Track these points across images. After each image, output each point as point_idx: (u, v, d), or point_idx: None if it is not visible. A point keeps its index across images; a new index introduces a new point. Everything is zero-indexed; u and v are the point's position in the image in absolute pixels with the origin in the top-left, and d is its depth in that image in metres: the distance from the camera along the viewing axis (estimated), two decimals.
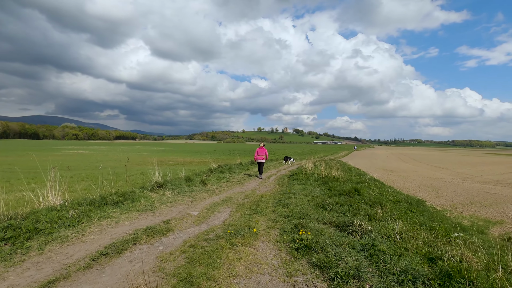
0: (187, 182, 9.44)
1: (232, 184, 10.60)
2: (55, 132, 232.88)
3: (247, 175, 13.59)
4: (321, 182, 9.92)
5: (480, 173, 21.59)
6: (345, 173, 12.48)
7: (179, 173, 15.05)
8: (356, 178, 12.07)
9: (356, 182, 11.10)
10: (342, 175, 11.22)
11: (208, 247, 4.14)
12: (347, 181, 10.22)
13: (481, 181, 16.26)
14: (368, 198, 7.67)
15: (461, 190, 12.47)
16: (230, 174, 12.81)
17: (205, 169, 14.22)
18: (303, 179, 10.78)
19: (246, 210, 6.41)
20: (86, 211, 5.23)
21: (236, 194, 8.55)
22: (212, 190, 8.94)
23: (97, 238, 4.33)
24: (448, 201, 10.19)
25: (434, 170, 24.67)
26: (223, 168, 15.61)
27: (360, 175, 14.10)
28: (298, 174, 12.25)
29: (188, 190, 8.36)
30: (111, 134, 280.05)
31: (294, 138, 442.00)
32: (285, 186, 10.29)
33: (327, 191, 8.51)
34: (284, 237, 4.62)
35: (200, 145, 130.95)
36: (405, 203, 8.33)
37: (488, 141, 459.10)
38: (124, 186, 8.52)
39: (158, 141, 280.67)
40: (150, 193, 7.45)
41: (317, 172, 11.90)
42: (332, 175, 10.84)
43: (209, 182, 10.08)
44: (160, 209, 6.37)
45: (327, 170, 11.84)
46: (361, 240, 4.27)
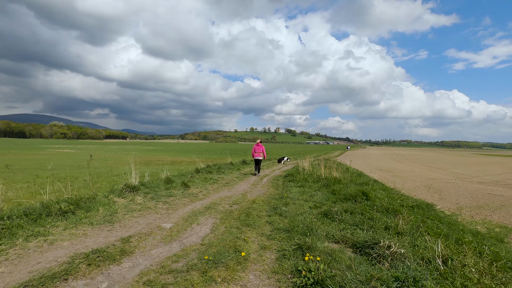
0: (167, 185, 8.04)
1: (219, 186, 9.24)
2: (42, 131, 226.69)
3: (238, 175, 12.25)
4: (321, 184, 8.64)
5: (476, 173, 21.32)
6: (346, 174, 11.29)
7: (162, 173, 13.70)
8: (358, 179, 10.90)
9: (360, 184, 9.90)
10: (343, 176, 10.00)
11: (173, 285, 2.78)
12: (350, 183, 9.00)
13: (480, 181, 15.75)
14: (379, 204, 6.45)
15: (464, 191, 11.90)
16: (218, 175, 11.44)
17: (192, 169, 12.83)
18: (300, 181, 9.51)
19: (233, 222, 5.05)
20: (12, 227, 3.79)
21: (223, 198, 7.20)
22: (195, 194, 7.55)
23: (8, 272, 2.90)
24: (454, 204, 9.44)
25: (430, 170, 24.26)
26: (211, 168, 14.21)
27: (360, 176, 12.94)
28: (295, 174, 10.96)
29: (165, 195, 6.95)
30: (101, 133, 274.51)
31: (286, 138, 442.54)
32: (280, 188, 8.99)
33: (330, 195, 7.24)
34: (284, 265, 3.29)
35: (191, 145, 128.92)
36: (418, 208, 7.17)
37: (475, 142, 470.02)
38: (88, 189, 7.09)
39: (149, 141, 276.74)
40: (117, 199, 6.04)
41: (315, 173, 10.66)
42: (333, 176, 9.60)
43: (193, 184, 8.70)
44: (123, 220, 4.96)
45: (326, 170, 10.60)
46: (393, 270, 3.00)
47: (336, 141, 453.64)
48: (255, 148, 13.17)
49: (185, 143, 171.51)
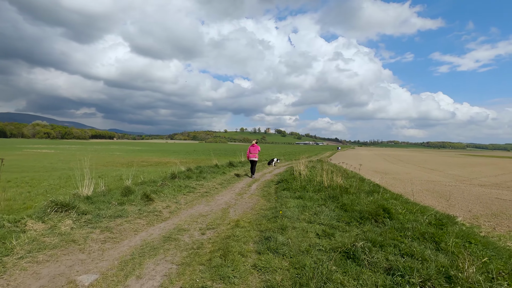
0: (123, 197, 6.00)
1: (196, 197, 7.23)
2: (24, 130, 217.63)
3: (222, 182, 10.25)
4: (326, 195, 6.76)
5: (473, 175, 21.06)
6: (349, 180, 9.56)
7: (140, 177, 11.66)
8: (362, 185, 9.19)
9: (368, 192, 8.12)
10: (349, 183, 8.22)
11: None
12: (360, 193, 7.22)
13: (481, 184, 15.31)
14: (410, 226, 4.67)
15: (469, 195, 11.37)
16: (197, 181, 9.41)
17: (167, 174, 10.77)
18: (298, 190, 7.61)
19: (199, 271, 3.07)
20: None
21: (196, 218, 5.20)
22: (158, 211, 5.50)
23: None
24: (465, 211, 8.56)
25: (426, 172, 23.47)
26: (192, 171, 12.17)
27: (363, 182, 11.25)
28: (290, 181, 9.06)
29: (112, 215, 4.88)
30: (86, 133, 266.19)
31: (276, 138, 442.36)
32: (273, 200, 7.08)
33: (341, 211, 5.38)
34: None
35: (180, 145, 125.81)
36: (446, 225, 5.47)
37: (459, 143, 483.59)
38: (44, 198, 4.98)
39: (137, 141, 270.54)
40: (33, 224, 4.00)
41: (315, 178, 8.82)
42: (337, 183, 7.78)
43: (160, 196, 6.66)
44: (13, 270, 2.93)
45: (328, 175, 8.78)
46: None
47: (325, 141, 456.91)
48: (250, 149, 12.71)
49: (173, 143, 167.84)
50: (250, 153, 12.67)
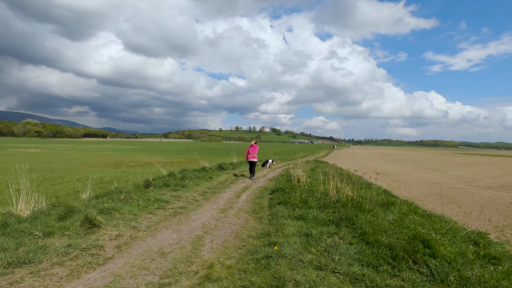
0: (58, 222, 4.31)
1: (165, 217, 5.49)
2: (14, 129, 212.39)
3: (205, 191, 8.48)
4: (335, 215, 5.02)
5: (475, 175, 20.42)
6: (357, 188, 8.00)
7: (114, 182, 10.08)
8: (375, 194, 7.65)
9: (383, 205, 6.58)
10: (360, 193, 6.62)
11: None
12: (376, 209, 5.64)
13: (488, 186, 14.67)
14: (464, 274, 3.12)
15: (481, 200, 10.64)
16: (174, 192, 7.66)
17: (147, 179, 9.05)
18: (298, 205, 5.93)
19: None
20: None
21: (150, 260, 3.41)
22: (99, 246, 3.73)
23: None
24: (485, 221, 7.64)
25: (428, 172, 22.42)
26: (172, 177, 10.47)
27: (370, 188, 9.73)
28: (287, 190, 7.40)
29: (17, 259, 3.15)
30: (79, 131, 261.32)
31: (271, 137, 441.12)
32: (265, 219, 5.43)
33: (363, 245, 3.72)
34: None
35: (174, 144, 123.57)
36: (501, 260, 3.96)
37: (452, 141, 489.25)
38: None
39: (130, 140, 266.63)
40: None
41: (317, 188, 7.21)
42: (347, 195, 6.18)
43: (112, 217, 4.92)
44: None
45: (332, 182, 7.17)
46: None
47: (320, 140, 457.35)
48: (249, 150, 12.50)
49: (167, 142, 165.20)
50: (249, 153, 12.46)
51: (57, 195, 10.73)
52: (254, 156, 12.42)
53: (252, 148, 12.54)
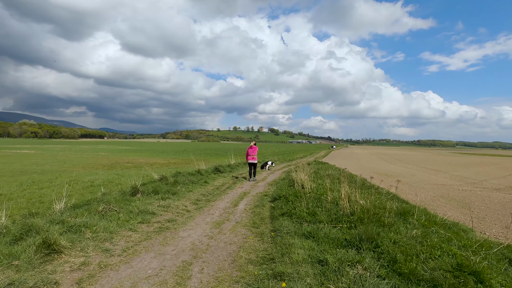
0: (12, 245, 3.44)
1: (147, 235, 4.53)
2: (10, 129, 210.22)
3: (198, 198, 7.57)
4: (352, 231, 4.17)
5: (479, 176, 20.03)
6: (366, 194, 7.18)
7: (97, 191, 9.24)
8: (379, 198, 6.86)
9: (400, 214, 5.76)
10: (373, 201, 5.79)
11: None
12: (397, 221, 4.80)
13: (495, 188, 14.30)
14: None
15: (491, 203, 10.18)
16: (162, 201, 6.75)
17: (127, 188, 8.15)
18: (305, 217, 5.04)
19: None
20: None
21: None
22: (52, 284, 2.80)
23: None
24: (502, 228, 6.98)
25: (431, 173, 21.91)
26: (166, 180, 9.61)
27: (380, 193, 8.91)
28: (290, 198, 6.53)
29: None
30: (75, 132, 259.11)
31: (269, 137, 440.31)
32: (267, 235, 4.57)
33: (397, 280, 2.88)
34: None
35: (171, 144, 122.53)
36: None
37: (449, 141, 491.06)
38: None
39: (128, 140, 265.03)
40: None
41: (325, 196, 6.34)
42: (361, 206, 5.31)
43: (81, 236, 3.96)
44: None
45: (338, 188, 6.33)
46: None
47: (318, 140, 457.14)
48: (248, 151, 12.41)
49: (165, 143, 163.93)
50: (249, 155, 12.34)
51: (42, 201, 9.94)
52: (254, 157, 12.33)
53: (252, 149, 12.45)
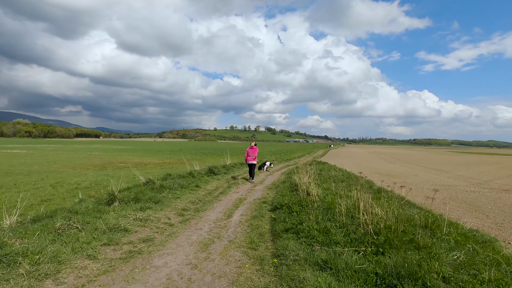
0: None
1: (111, 263, 3.33)
2: (4, 129, 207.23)
3: (184, 208, 6.41)
4: (377, 255, 3.18)
5: (483, 176, 19.46)
6: (376, 197, 6.15)
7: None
8: (391, 203, 5.81)
9: (423, 227, 4.73)
10: (393, 212, 4.75)
11: None
12: (430, 241, 3.77)
13: (503, 188, 13.83)
14: None
15: (505, 206, 9.64)
16: (141, 212, 5.60)
17: (103, 195, 7.00)
18: (316, 236, 3.93)
19: None
20: None
21: None
22: None
23: None
24: None
25: (433, 173, 21.25)
26: (151, 184, 8.48)
27: (391, 197, 7.86)
28: (294, 208, 5.41)
29: None
30: (71, 131, 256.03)
31: (266, 136, 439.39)
32: (268, 263, 3.48)
33: None
34: None
35: (167, 144, 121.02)
36: None
37: (445, 140, 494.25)
38: None
39: (124, 139, 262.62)
40: None
41: (335, 205, 5.25)
42: (385, 222, 4.25)
43: (20, 268, 2.89)
44: None
45: (361, 201, 5.28)
46: None
47: (315, 139, 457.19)
48: (248, 151, 12.10)
49: (161, 142, 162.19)
50: (249, 156, 12.02)
51: (16, 206, 9.00)
52: (253, 158, 11.99)
53: (252, 149, 12.08)
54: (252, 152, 12.04)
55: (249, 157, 12.01)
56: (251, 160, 11.96)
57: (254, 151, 12.09)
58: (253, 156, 11.98)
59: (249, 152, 12.09)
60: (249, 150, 12.13)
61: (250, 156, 12.00)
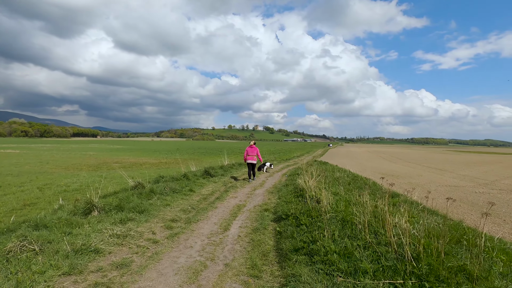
0: None
1: None
2: (0, 128, 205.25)
3: (176, 216, 5.50)
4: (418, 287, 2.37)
5: (488, 176, 18.89)
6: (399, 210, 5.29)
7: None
8: (416, 214, 4.95)
9: (457, 241, 3.89)
10: (433, 230, 3.89)
11: None
12: (485, 271, 2.94)
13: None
14: None
15: None
16: (120, 226, 4.67)
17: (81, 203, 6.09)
18: (335, 262, 3.11)
19: None
20: None
21: None
22: None
23: None
24: None
25: (437, 173, 20.65)
26: (141, 190, 7.59)
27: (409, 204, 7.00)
28: (304, 221, 4.50)
29: None
30: (67, 131, 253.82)
31: (264, 135, 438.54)
32: None
33: None
34: None
35: (164, 143, 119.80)
36: None
37: (442, 139, 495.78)
38: None
39: (121, 139, 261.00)
40: None
41: (353, 216, 4.37)
42: (404, 229, 3.40)
43: None
44: None
45: (388, 217, 4.41)
46: None
47: (313, 138, 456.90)
48: (247, 150, 11.91)
49: (159, 141, 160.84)
50: (248, 155, 11.80)
51: None
52: (253, 157, 11.76)
53: (251, 148, 11.84)
54: (251, 151, 11.85)
55: (249, 156, 11.81)
56: (250, 160, 11.78)
57: (253, 150, 11.89)
58: (252, 155, 11.80)
59: (248, 151, 11.89)
60: (249, 149, 11.93)
61: (250, 155, 11.80)
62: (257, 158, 11.93)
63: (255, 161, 11.88)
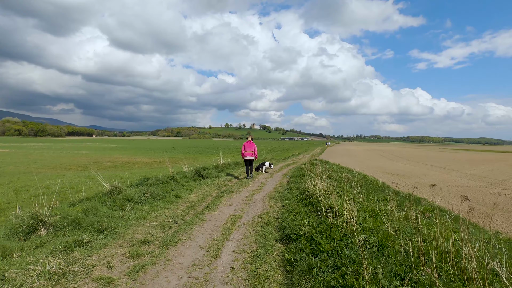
0: None
1: None
2: None
3: (148, 237, 4.11)
4: None
5: (496, 175, 18.59)
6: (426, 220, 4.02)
7: None
8: (445, 226, 3.64)
9: None
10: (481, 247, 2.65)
11: None
12: None
13: None
14: None
15: None
16: (65, 255, 3.28)
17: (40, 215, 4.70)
18: None
19: None
20: None
21: None
22: None
23: None
24: None
25: (443, 172, 20.13)
26: (117, 196, 6.22)
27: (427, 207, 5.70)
28: (324, 248, 3.18)
29: None
30: (62, 129, 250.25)
31: (261, 134, 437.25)
32: None
33: None
34: None
35: (160, 142, 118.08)
36: None
37: (437, 137, 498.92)
38: None
39: (117, 138, 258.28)
40: None
41: (386, 236, 3.10)
42: (464, 255, 2.16)
43: None
44: None
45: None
46: None
47: (310, 137, 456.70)
48: (245, 146, 11.57)
49: (154, 140, 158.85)
50: (245, 151, 11.44)
51: None
52: (251, 153, 11.36)
53: (249, 144, 11.50)
54: (249, 146, 11.47)
55: (246, 152, 11.38)
56: (248, 155, 11.36)
57: (251, 146, 11.53)
58: (250, 151, 11.41)
59: (246, 146, 11.48)
60: (246, 145, 11.54)
61: (247, 151, 11.38)
62: (254, 155, 11.38)
63: (253, 157, 11.37)
